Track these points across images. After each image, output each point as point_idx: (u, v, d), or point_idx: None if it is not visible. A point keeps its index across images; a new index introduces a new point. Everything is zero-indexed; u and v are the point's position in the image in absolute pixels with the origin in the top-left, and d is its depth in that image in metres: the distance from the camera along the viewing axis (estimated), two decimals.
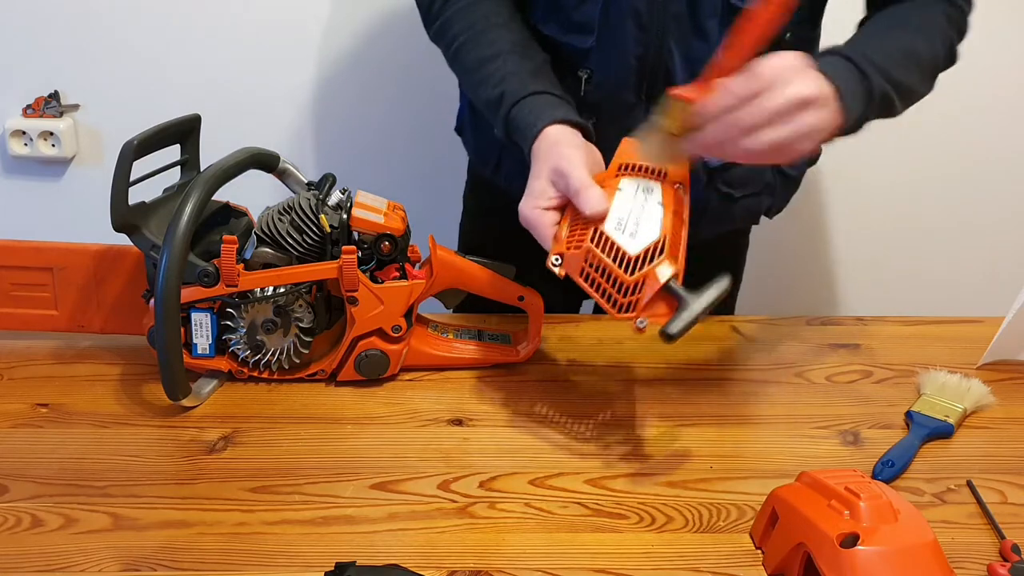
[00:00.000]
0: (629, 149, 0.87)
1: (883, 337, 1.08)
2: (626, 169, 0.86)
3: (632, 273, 0.77)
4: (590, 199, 0.80)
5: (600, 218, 0.80)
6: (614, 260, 0.78)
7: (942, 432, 0.90)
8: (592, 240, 0.79)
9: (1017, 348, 1.02)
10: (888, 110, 0.88)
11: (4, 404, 0.92)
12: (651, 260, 0.78)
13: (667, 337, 0.75)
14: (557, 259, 0.80)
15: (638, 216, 0.81)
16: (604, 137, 0.99)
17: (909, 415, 0.92)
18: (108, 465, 0.84)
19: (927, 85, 0.93)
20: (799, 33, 1.00)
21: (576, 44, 0.99)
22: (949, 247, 1.76)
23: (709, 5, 0.94)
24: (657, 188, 0.85)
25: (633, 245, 0.78)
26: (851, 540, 0.67)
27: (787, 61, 0.76)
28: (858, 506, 0.68)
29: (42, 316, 0.98)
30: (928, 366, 1.00)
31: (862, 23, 0.99)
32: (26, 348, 1.01)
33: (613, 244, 0.78)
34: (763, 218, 1.16)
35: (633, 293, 0.77)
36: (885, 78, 0.85)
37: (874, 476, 0.84)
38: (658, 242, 0.79)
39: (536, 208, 0.84)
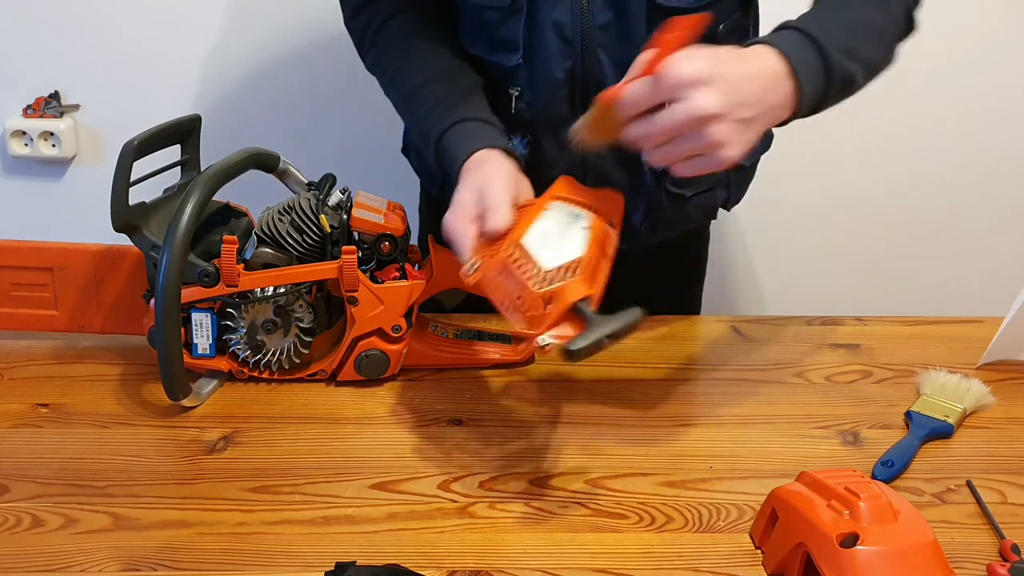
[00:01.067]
0: (566, 185, 0.87)
1: (883, 337, 1.08)
2: (559, 199, 0.85)
3: (542, 288, 0.75)
4: (495, 216, 0.80)
5: (502, 235, 0.79)
6: (527, 272, 0.76)
7: (942, 432, 0.90)
8: (508, 249, 0.77)
9: (1017, 348, 1.02)
10: (849, 86, 0.85)
11: (4, 404, 0.92)
12: (565, 278, 0.75)
13: (568, 355, 0.72)
14: (473, 265, 0.78)
15: (561, 235, 0.80)
16: (541, 152, 0.99)
17: (909, 415, 0.92)
18: (108, 465, 0.84)
19: (888, 57, 0.89)
20: (731, 24, 0.99)
21: (504, 63, 0.98)
22: (949, 247, 1.76)
23: (636, 9, 0.93)
24: (586, 216, 0.83)
25: (550, 260, 0.76)
26: (851, 540, 0.67)
27: (691, 69, 0.72)
28: (858, 506, 0.68)
29: (42, 316, 0.98)
30: (928, 366, 1.00)
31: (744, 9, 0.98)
32: (26, 348, 1.01)
33: (529, 257, 0.77)
34: (761, 216, 1.15)
35: (543, 308, 0.74)
36: (846, 54, 0.82)
37: (874, 476, 0.84)
38: (576, 262, 0.77)
39: (459, 220, 0.82)
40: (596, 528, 0.79)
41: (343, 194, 0.95)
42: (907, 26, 0.91)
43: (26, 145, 1.62)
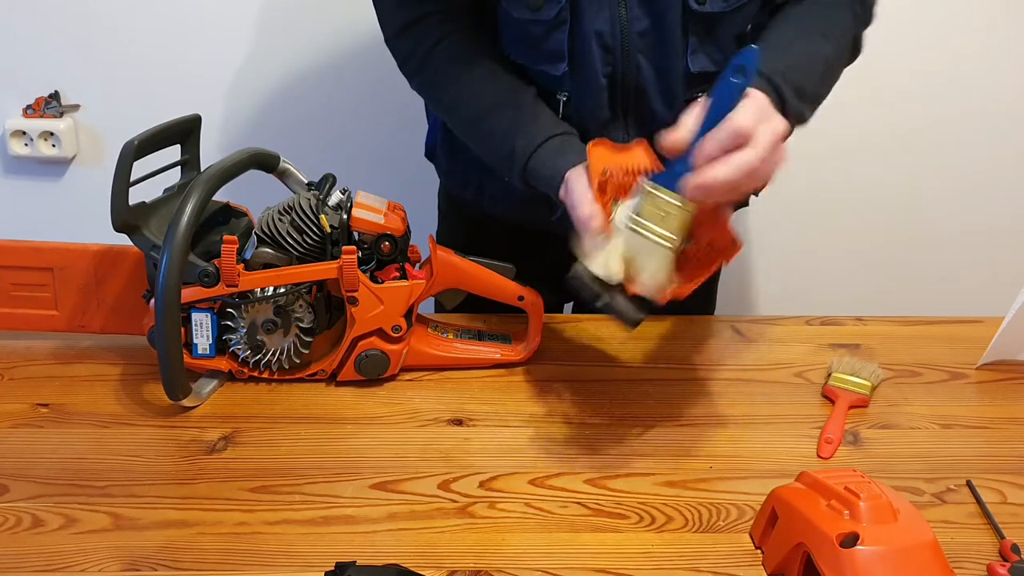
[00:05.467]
0: (598, 156, 0.88)
1: (883, 337, 1.08)
2: (607, 175, 0.87)
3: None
4: (592, 223, 0.83)
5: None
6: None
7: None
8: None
9: (1017, 348, 1.02)
10: (799, 123, 0.90)
11: (4, 404, 0.92)
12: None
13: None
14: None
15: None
16: None
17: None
18: (108, 465, 0.84)
19: (831, 87, 0.95)
20: (754, 21, 1.02)
21: (549, 72, 0.99)
22: (949, 247, 1.76)
23: (672, 15, 0.95)
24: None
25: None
26: (851, 540, 0.67)
27: (755, 109, 0.78)
28: (858, 506, 0.68)
29: (42, 316, 0.98)
30: (928, 366, 1.00)
31: (771, 16, 1.00)
32: (26, 348, 1.01)
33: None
34: (761, 216, 1.16)
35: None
36: (800, 96, 0.88)
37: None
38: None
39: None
40: (596, 528, 0.79)
41: (343, 194, 0.95)
42: (853, 54, 0.97)
43: (26, 145, 1.62)
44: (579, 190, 0.86)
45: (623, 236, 0.81)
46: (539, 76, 1.00)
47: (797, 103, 0.87)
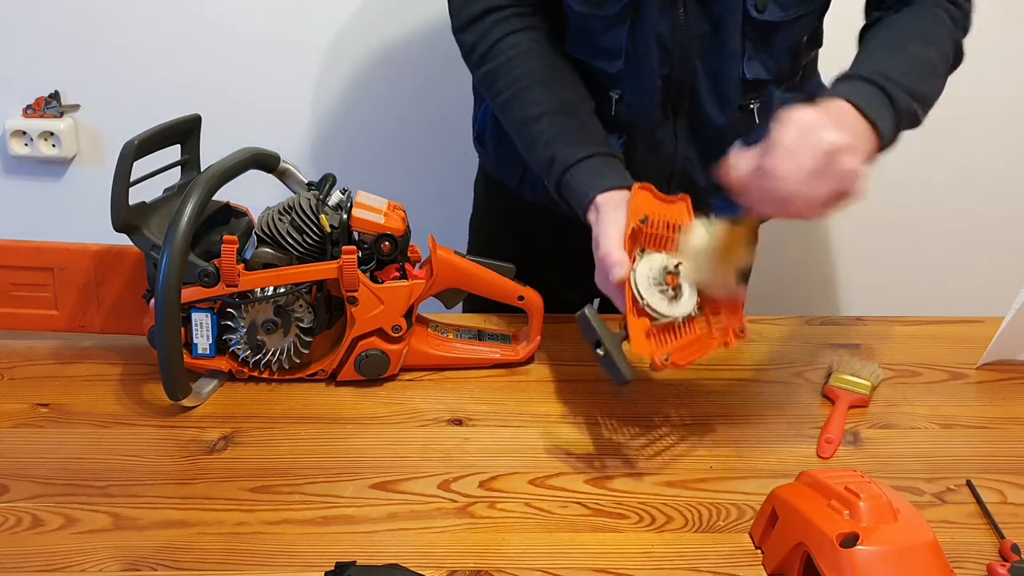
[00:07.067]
0: (640, 201, 0.88)
1: (883, 337, 1.08)
2: (645, 223, 0.86)
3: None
4: (614, 273, 0.84)
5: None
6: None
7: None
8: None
9: (1017, 348, 1.02)
10: (914, 123, 0.90)
11: (4, 404, 0.92)
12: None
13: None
14: (665, 359, 0.82)
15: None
16: (634, 151, 1.01)
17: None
18: (108, 465, 0.84)
19: (941, 89, 0.94)
20: (810, 33, 1.02)
21: (605, 68, 0.99)
22: (949, 247, 1.76)
23: (732, 21, 0.95)
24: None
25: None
26: (851, 540, 0.67)
27: (804, 120, 0.77)
28: (858, 506, 0.68)
29: (42, 316, 0.98)
30: (928, 366, 1.00)
31: (864, 33, 1.00)
32: (26, 348, 1.01)
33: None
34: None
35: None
36: (908, 94, 0.87)
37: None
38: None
39: (603, 283, 0.86)
40: (596, 528, 0.79)
41: (343, 194, 0.95)
42: (956, 58, 0.96)
43: (26, 145, 1.62)
44: (610, 228, 0.86)
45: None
46: (595, 71, 1.00)
47: (908, 101, 0.87)
